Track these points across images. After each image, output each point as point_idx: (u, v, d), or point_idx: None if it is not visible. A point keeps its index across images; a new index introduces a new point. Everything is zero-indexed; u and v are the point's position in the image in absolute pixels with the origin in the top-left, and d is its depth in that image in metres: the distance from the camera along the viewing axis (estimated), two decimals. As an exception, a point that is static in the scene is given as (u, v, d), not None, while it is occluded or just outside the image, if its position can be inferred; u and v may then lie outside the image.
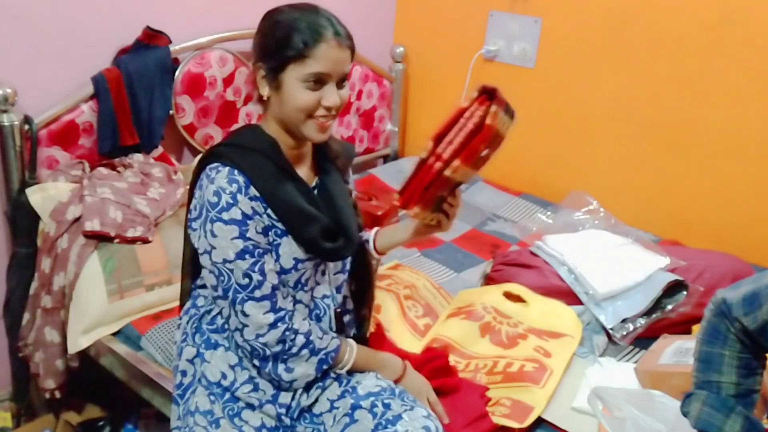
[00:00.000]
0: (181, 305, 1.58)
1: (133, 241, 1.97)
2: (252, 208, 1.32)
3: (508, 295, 2.00)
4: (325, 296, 1.50)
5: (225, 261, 1.32)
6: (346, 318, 1.57)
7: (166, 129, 2.32)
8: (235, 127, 2.51)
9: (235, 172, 1.32)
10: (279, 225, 1.37)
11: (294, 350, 1.37)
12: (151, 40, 2.25)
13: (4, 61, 1.99)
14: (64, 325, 1.96)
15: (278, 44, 1.32)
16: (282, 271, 1.39)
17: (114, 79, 2.14)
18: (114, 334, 1.95)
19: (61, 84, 2.10)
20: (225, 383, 1.42)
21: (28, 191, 2.00)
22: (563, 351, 1.77)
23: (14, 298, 2.06)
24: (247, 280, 1.33)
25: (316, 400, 1.46)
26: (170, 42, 2.29)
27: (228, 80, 2.44)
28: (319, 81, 1.33)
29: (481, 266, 2.28)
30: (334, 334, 1.45)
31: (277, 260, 1.38)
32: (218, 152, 1.36)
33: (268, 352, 1.36)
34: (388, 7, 3.12)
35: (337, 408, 1.44)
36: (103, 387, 2.23)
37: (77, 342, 1.92)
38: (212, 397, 1.42)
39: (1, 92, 1.93)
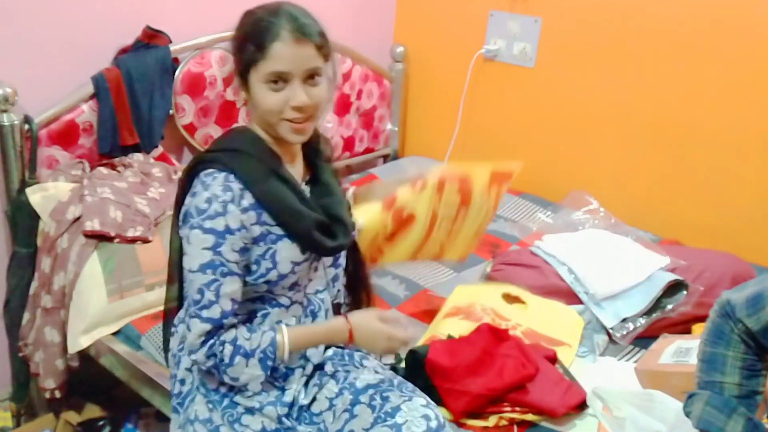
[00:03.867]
0: (165, 311, 1.56)
1: (133, 240, 1.97)
2: (241, 221, 1.30)
3: (507, 297, 2.00)
4: (318, 291, 1.48)
5: (190, 270, 1.31)
6: (344, 310, 1.56)
7: (166, 129, 2.32)
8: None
9: (231, 177, 1.31)
10: (275, 230, 1.35)
11: (226, 361, 1.32)
12: (151, 39, 2.25)
13: (4, 61, 1.99)
14: (64, 325, 1.96)
15: (238, 48, 1.32)
16: (280, 278, 1.38)
17: (114, 79, 2.14)
18: (114, 334, 1.95)
19: (61, 84, 2.10)
20: (223, 389, 1.42)
21: (28, 191, 2.00)
22: (561, 359, 1.77)
23: (14, 298, 2.06)
24: (198, 296, 1.30)
25: (315, 399, 1.46)
26: (170, 42, 2.29)
27: (228, 80, 2.43)
28: (281, 80, 1.30)
29: (481, 266, 2.28)
30: (266, 328, 1.38)
31: (274, 267, 1.36)
32: (211, 158, 1.34)
33: (204, 368, 1.37)
34: (388, 7, 3.12)
35: (336, 405, 1.44)
36: (103, 387, 2.24)
37: (77, 342, 1.92)
38: (210, 405, 1.41)
39: (1, 92, 1.93)
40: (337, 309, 1.53)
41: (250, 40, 1.29)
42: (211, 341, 1.32)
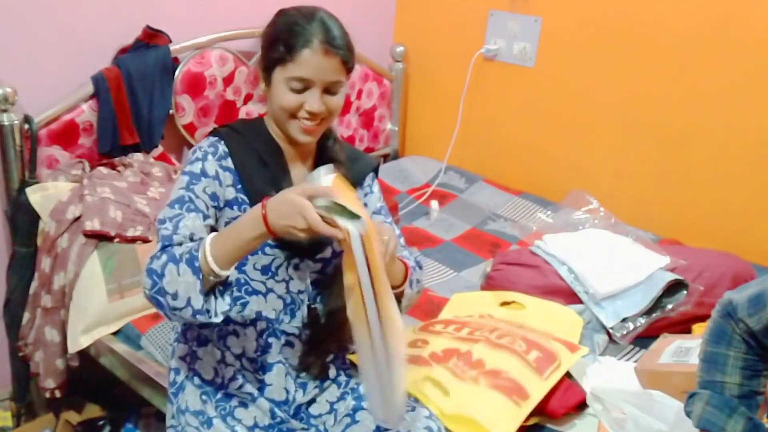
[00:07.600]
0: None
1: (133, 240, 1.97)
2: (217, 171, 1.36)
3: (504, 304, 1.99)
4: (300, 291, 1.46)
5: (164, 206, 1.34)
6: (322, 318, 1.49)
7: (166, 128, 2.32)
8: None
9: (222, 142, 1.39)
10: (248, 202, 1.39)
11: (159, 271, 1.24)
12: (151, 39, 2.25)
13: (4, 61, 1.99)
14: (64, 325, 1.96)
15: (269, 45, 1.36)
16: (251, 253, 1.37)
17: (114, 79, 2.14)
18: (114, 334, 1.95)
19: (61, 83, 2.10)
20: (218, 380, 1.42)
21: (28, 191, 2.00)
22: (567, 358, 1.75)
23: (14, 297, 2.06)
24: (160, 227, 1.30)
25: (314, 401, 1.46)
26: (170, 41, 2.29)
27: (228, 79, 2.44)
28: (303, 85, 1.34)
29: (481, 266, 2.28)
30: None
31: None
32: (216, 130, 1.44)
33: (149, 294, 1.26)
34: (388, 7, 3.12)
35: (338, 409, 1.44)
36: (103, 386, 2.23)
37: (77, 341, 1.92)
38: (204, 397, 1.42)
39: (1, 92, 1.93)
40: (312, 312, 1.47)
41: (281, 41, 1.33)
42: (150, 262, 1.26)
